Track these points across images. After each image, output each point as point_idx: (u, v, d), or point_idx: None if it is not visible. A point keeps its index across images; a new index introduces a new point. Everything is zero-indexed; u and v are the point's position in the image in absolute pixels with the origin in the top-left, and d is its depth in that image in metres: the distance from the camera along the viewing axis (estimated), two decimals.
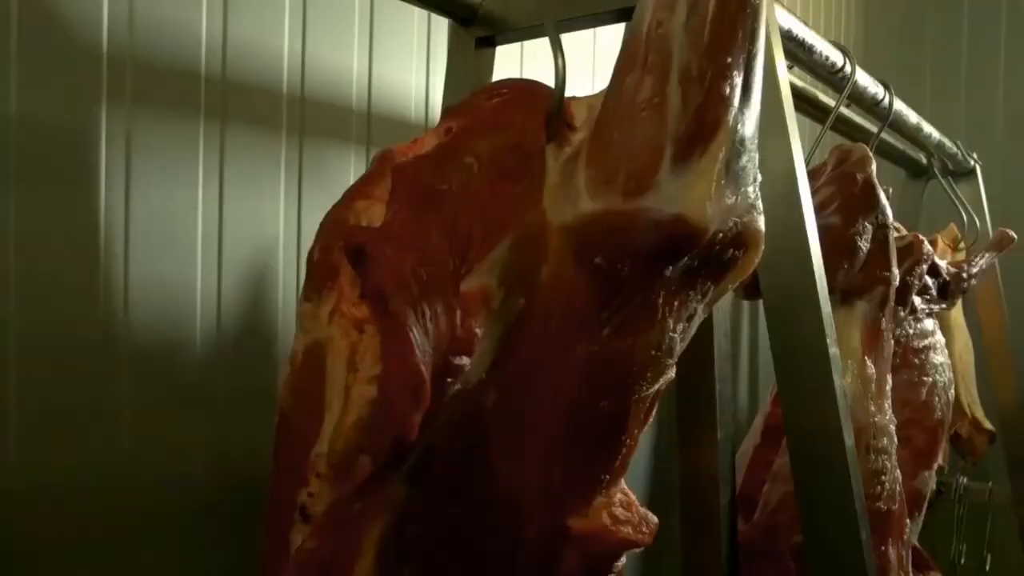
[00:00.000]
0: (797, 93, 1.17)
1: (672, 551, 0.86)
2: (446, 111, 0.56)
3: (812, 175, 1.05)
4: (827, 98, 1.24)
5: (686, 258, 0.56)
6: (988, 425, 1.68)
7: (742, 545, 1.01)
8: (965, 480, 1.74)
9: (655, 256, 0.54)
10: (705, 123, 0.54)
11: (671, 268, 0.55)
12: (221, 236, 0.87)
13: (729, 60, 0.55)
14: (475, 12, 0.83)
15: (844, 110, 1.30)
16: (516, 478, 0.54)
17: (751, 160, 0.59)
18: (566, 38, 1.27)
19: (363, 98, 1.01)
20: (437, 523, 0.53)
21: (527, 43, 1.22)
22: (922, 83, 2.38)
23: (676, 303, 0.57)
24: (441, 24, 0.97)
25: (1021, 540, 1.65)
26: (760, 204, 0.61)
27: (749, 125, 0.58)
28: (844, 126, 1.36)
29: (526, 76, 1.23)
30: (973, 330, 1.75)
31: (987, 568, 1.72)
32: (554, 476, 0.54)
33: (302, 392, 0.51)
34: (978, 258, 1.28)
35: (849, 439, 0.76)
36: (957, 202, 1.61)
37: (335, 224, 0.51)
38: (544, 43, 0.61)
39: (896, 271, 1.00)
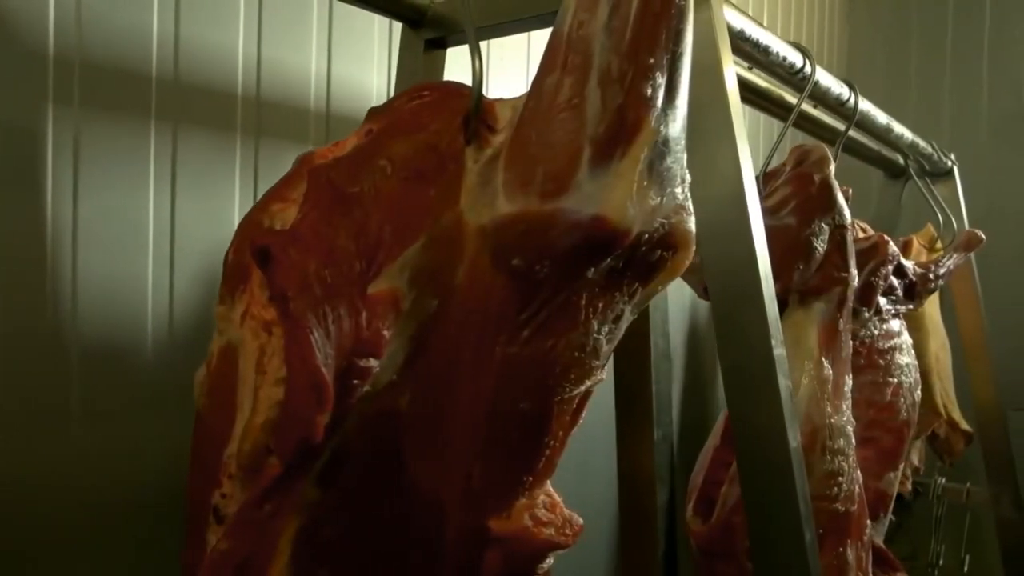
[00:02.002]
0: (761, 93, 1.17)
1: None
2: (370, 113, 0.56)
3: (772, 175, 1.05)
4: (793, 98, 1.24)
5: (609, 259, 0.56)
6: (965, 426, 1.67)
7: (700, 546, 1.01)
8: (943, 481, 1.73)
9: (575, 257, 0.54)
10: (626, 124, 0.54)
11: (593, 269, 0.55)
12: (173, 237, 0.87)
13: (652, 61, 0.55)
14: (424, 14, 0.83)
15: (814, 111, 1.30)
16: (434, 479, 0.54)
17: (677, 161, 0.58)
18: (538, 37, 1.28)
19: (321, 99, 1.01)
20: (354, 524, 0.53)
21: (493, 44, 1.22)
22: (907, 84, 2.38)
23: (600, 304, 0.57)
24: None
25: (999, 541, 1.65)
26: (690, 205, 0.61)
27: (674, 126, 0.57)
28: (814, 127, 1.36)
29: (491, 77, 1.23)
30: (951, 330, 1.74)
31: (965, 569, 1.72)
32: (473, 477, 0.54)
33: (216, 393, 0.51)
34: (946, 259, 1.28)
35: (794, 440, 0.76)
36: (933, 202, 1.61)
37: (249, 226, 0.51)
38: (509, 42, 0.60)
39: (854, 272, 0.99)
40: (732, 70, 0.80)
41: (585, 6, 0.55)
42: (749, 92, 1.15)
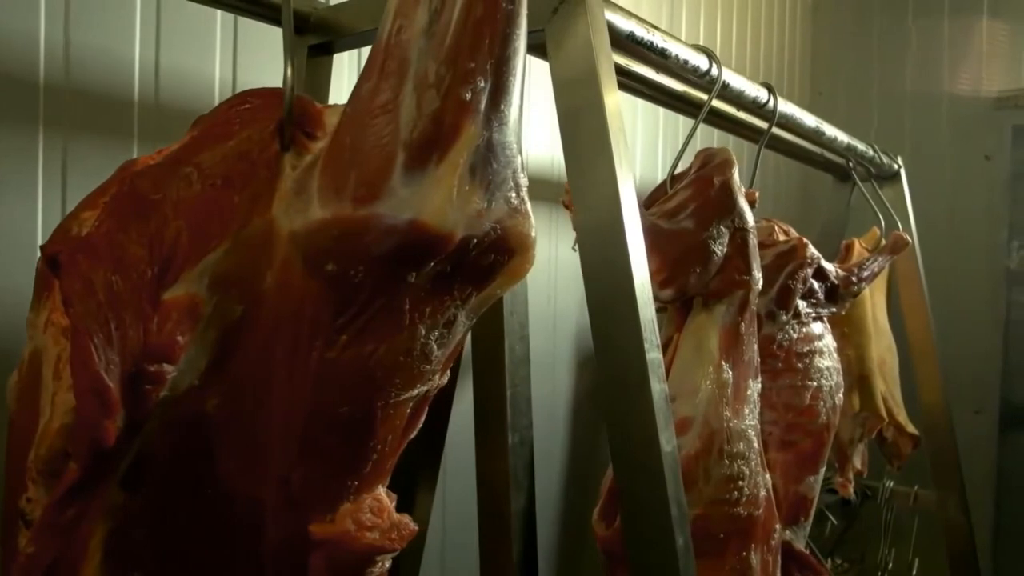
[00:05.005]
0: (678, 96, 1.17)
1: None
2: (196, 120, 0.57)
3: (679, 178, 1.05)
4: (720, 103, 1.24)
5: (432, 264, 0.56)
6: (912, 429, 1.66)
7: (603, 549, 1.01)
8: (891, 484, 1.73)
9: (393, 262, 0.54)
10: (443, 129, 0.54)
11: (415, 274, 0.55)
12: None
13: (472, 65, 0.55)
14: (307, 20, 0.83)
15: (739, 114, 1.30)
16: (250, 483, 0.54)
17: (509, 165, 0.58)
18: None
19: None
20: (165, 527, 0.53)
21: None
22: (869, 92, 2.39)
23: (428, 309, 0.57)
24: None
25: (946, 544, 1.64)
26: (527, 208, 0.61)
27: (503, 131, 0.57)
28: (746, 130, 1.36)
29: None
30: (897, 333, 1.74)
31: (914, 572, 1.71)
32: (292, 481, 0.54)
33: (24, 399, 0.51)
34: (870, 261, 1.27)
35: (668, 445, 0.76)
36: (876, 206, 1.60)
37: (56, 233, 0.51)
38: None
39: (757, 275, 0.99)
40: (611, 75, 0.80)
41: (404, 12, 0.55)
42: (665, 95, 1.15)
